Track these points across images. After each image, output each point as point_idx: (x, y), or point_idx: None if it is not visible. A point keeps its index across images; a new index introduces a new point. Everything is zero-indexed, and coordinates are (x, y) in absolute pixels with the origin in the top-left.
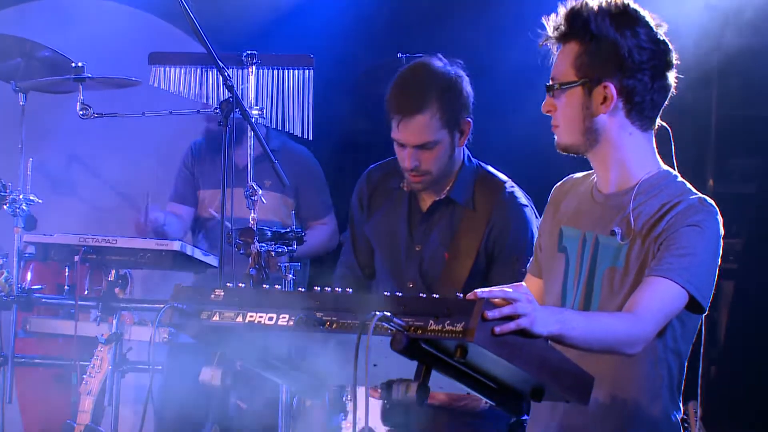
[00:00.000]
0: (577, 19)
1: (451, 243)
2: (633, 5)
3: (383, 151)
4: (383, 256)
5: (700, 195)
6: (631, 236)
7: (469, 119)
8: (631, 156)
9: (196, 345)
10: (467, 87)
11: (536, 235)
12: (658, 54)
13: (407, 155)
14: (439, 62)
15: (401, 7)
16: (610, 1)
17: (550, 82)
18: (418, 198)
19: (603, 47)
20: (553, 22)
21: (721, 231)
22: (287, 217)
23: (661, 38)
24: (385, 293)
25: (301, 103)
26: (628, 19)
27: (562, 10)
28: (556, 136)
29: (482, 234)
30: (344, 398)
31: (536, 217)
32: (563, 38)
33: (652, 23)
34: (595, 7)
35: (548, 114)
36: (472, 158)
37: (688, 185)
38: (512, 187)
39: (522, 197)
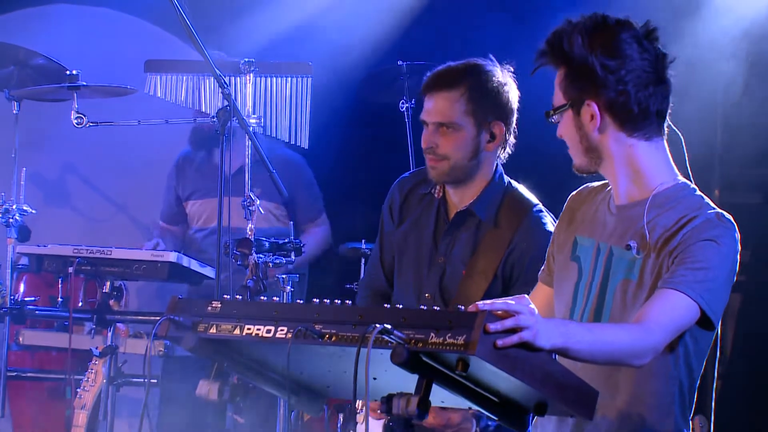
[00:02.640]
0: (555, 43)
1: (470, 260)
2: (612, 18)
3: (383, 160)
4: (406, 264)
5: (718, 210)
6: (646, 250)
7: (503, 125)
8: (639, 167)
9: (192, 358)
10: (510, 95)
11: None
12: (642, 64)
13: (427, 134)
14: (488, 62)
15: (401, 14)
16: (587, 18)
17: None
18: (446, 206)
19: (577, 67)
20: (540, 47)
21: (738, 248)
22: (277, 221)
23: (648, 47)
24: (385, 305)
25: (298, 111)
26: (605, 33)
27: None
28: (573, 159)
29: (502, 255)
30: (358, 412)
31: None
32: (548, 63)
33: (639, 32)
34: (572, 28)
35: (561, 138)
36: (505, 177)
37: (706, 199)
38: (540, 211)
39: (550, 223)
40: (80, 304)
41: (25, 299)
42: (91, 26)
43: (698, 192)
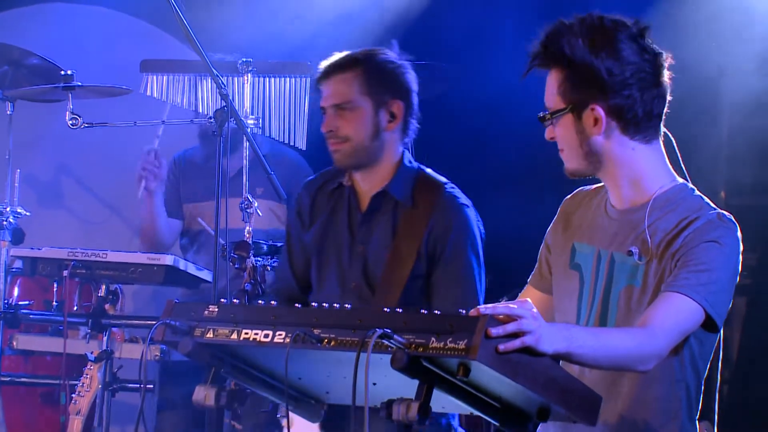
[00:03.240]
0: (553, 45)
1: (392, 243)
2: (610, 17)
3: None
4: (326, 260)
5: (719, 210)
6: (649, 255)
7: (402, 104)
8: (641, 171)
9: (189, 363)
10: (406, 76)
11: (479, 240)
12: (643, 66)
13: (326, 119)
14: (385, 49)
15: (401, 13)
16: (585, 20)
17: (543, 112)
18: (357, 197)
19: (581, 71)
20: (534, 49)
21: (741, 248)
22: (281, 224)
23: (646, 47)
24: (385, 309)
25: (297, 111)
26: (605, 35)
27: (542, 35)
28: (564, 162)
29: (422, 234)
30: (278, 416)
31: (477, 218)
32: (544, 65)
33: (635, 31)
34: (569, 30)
35: (552, 141)
36: (413, 161)
37: (706, 199)
38: (453, 187)
39: (463, 197)
40: (75, 308)
41: (19, 303)
42: (87, 25)
43: (697, 192)
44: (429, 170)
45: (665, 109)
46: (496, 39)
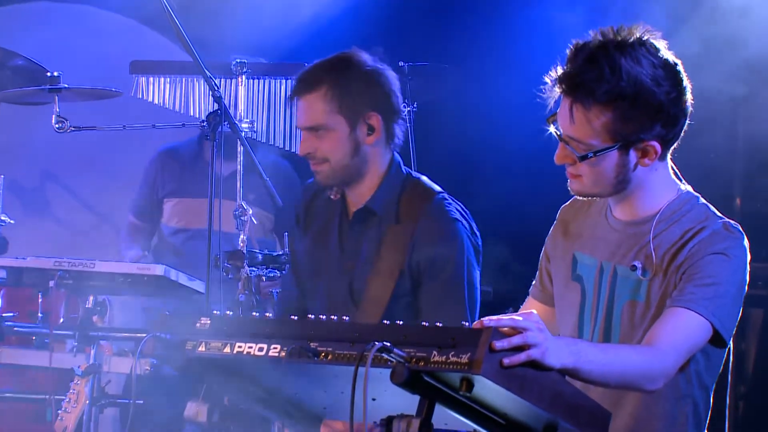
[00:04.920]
0: (594, 78)
1: (375, 259)
2: (641, 36)
3: None
4: (316, 270)
5: (725, 220)
6: (653, 270)
7: (379, 116)
8: (654, 188)
9: (180, 377)
10: (382, 82)
11: (471, 254)
12: (678, 86)
13: (302, 140)
14: (357, 52)
15: (402, 14)
16: (620, 42)
17: (576, 148)
18: (347, 208)
19: (641, 105)
20: (567, 77)
21: (748, 258)
22: (267, 233)
23: (672, 61)
24: (385, 322)
25: (293, 114)
26: (657, 59)
27: (576, 61)
28: (574, 183)
29: (405, 250)
30: None
31: (473, 233)
32: (588, 99)
33: (661, 48)
34: (607, 54)
35: (562, 164)
36: (403, 167)
37: (712, 208)
38: (444, 198)
39: (454, 210)
40: (61, 320)
41: (3, 315)
42: (74, 25)
43: (702, 200)
44: (423, 178)
45: None
46: (496, 40)
